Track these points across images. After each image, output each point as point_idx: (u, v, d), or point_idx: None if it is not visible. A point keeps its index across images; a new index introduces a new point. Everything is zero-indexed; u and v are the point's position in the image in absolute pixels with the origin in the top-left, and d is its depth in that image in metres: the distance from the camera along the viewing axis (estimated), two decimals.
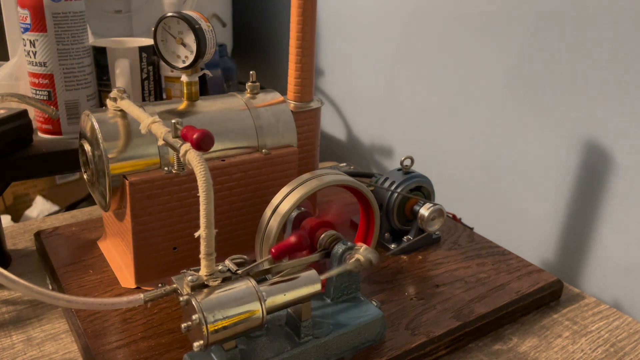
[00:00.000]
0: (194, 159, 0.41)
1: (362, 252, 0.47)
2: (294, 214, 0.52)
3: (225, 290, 0.41)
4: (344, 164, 0.89)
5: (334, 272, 0.48)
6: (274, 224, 0.50)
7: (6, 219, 1.25)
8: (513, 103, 0.83)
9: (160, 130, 0.45)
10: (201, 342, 0.39)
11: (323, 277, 0.46)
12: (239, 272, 0.43)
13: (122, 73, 0.80)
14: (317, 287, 0.45)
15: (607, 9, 0.69)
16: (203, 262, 0.41)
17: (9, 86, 0.84)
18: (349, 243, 0.49)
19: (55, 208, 1.32)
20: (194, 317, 0.39)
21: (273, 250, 0.48)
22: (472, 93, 0.89)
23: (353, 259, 0.47)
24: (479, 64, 0.87)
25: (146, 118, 0.47)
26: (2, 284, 0.40)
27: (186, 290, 0.41)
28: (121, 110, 0.53)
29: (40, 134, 0.80)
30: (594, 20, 0.71)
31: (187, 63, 0.56)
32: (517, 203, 0.85)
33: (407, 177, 0.65)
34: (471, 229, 0.72)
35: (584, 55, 0.73)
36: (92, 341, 0.49)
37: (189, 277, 0.41)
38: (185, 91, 0.58)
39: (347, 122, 1.20)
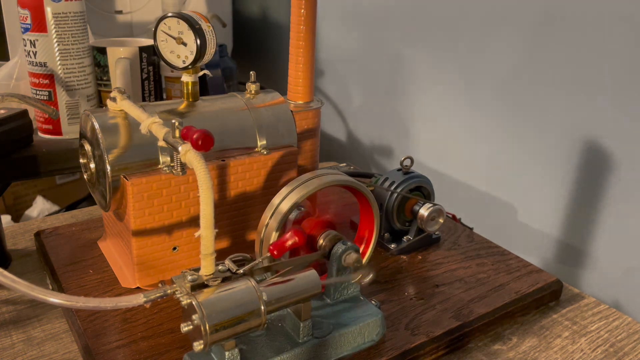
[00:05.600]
0: (194, 159, 0.41)
1: (363, 269, 0.48)
2: (294, 214, 0.52)
3: (225, 290, 0.41)
4: (344, 164, 0.89)
5: (332, 280, 0.48)
6: (274, 224, 0.50)
7: (6, 219, 1.25)
8: (513, 103, 0.83)
9: (161, 130, 0.45)
10: (201, 342, 0.39)
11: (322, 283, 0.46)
12: (239, 271, 0.43)
13: (122, 73, 0.81)
14: (317, 287, 0.45)
15: (608, 10, 0.69)
16: (203, 262, 0.41)
17: (9, 86, 0.84)
18: (348, 243, 0.49)
19: (55, 208, 1.33)
20: (194, 317, 0.39)
21: (271, 247, 0.47)
22: (473, 93, 0.89)
23: (354, 263, 0.48)
24: (479, 63, 0.87)
25: (146, 118, 0.47)
26: (2, 284, 0.40)
27: (186, 290, 0.41)
28: (121, 111, 0.53)
29: (40, 134, 0.81)
30: (595, 20, 0.71)
31: (187, 63, 0.56)
32: (517, 203, 0.85)
33: (407, 177, 0.65)
34: (471, 229, 0.72)
35: (584, 55, 0.73)
36: (92, 341, 0.49)
37: (189, 277, 0.41)
38: (185, 91, 0.58)
39: (347, 122, 1.20)
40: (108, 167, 0.51)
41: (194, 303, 0.40)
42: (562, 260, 0.80)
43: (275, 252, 0.47)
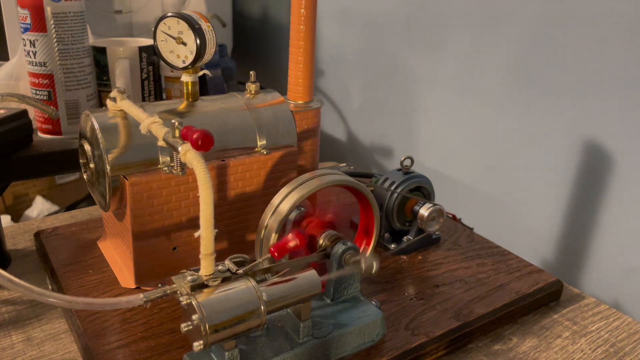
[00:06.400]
0: (194, 159, 0.41)
1: (366, 258, 0.48)
2: (294, 214, 0.52)
3: (225, 290, 0.41)
4: (344, 164, 0.89)
5: (333, 274, 0.48)
6: (274, 224, 0.50)
7: (6, 219, 1.25)
8: (513, 103, 0.83)
9: (160, 130, 0.45)
10: (201, 342, 0.39)
11: (323, 279, 0.46)
12: (239, 272, 0.43)
13: (122, 73, 0.81)
14: (317, 287, 0.45)
15: (608, 9, 0.69)
16: (203, 262, 0.41)
17: (9, 86, 0.84)
18: (349, 243, 0.49)
19: (55, 208, 1.33)
20: (193, 317, 0.39)
21: (272, 249, 0.47)
22: (473, 92, 0.89)
23: (354, 260, 0.47)
24: (479, 63, 0.87)
25: (146, 118, 0.47)
26: (2, 284, 0.40)
27: (186, 290, 0.41)
28: (121, 111, 0.53)
29: (40, 134, 0.81)
30: (594, 20, 0.71)
31: (187, 63, 0.56)
32: (517, 203, 0.85)
33: (407, 177, 0.65)
34: (471, 229, 0.72)
35: (584, 55, 0.73)
36: (92, 341, 0.49)
37: (189, 277, 0.41)
38: (185, 91, 0.58)
39: (347, 122, 1.20)
40: (108, 167, 0.51)
41: (193, 303, 0.40)
42: (562, 260, 0.80)
43: (276, 254, 0.47)
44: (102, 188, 0.53)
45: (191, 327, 0.40)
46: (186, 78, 0.58)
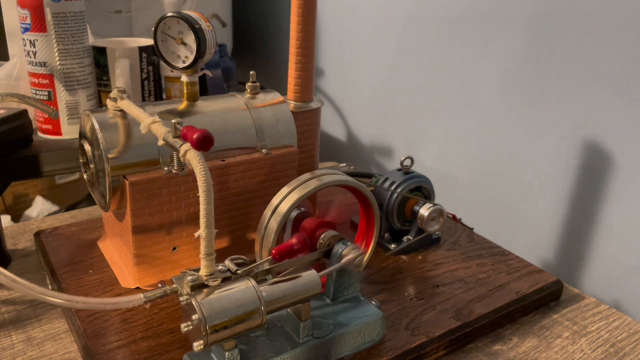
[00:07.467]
0: (194, 159, 0.41)
1: (348, 251, 0.48)
2: (294, 214, 0.52)
3: (225, 290, 0.41)
4: (344, 164, 0.89)
5: (329, 269, 0.48)
6: (274, 224, 0.50)
7: (6, 219, 1.25)
8: (513, 103, 0.83)
9: (160, 130, 0.45)
10: (201, 342, 0.39)
11: (321, 275, 0.46)
12: (239, 272, 0.43)
13: (122, 73, 0.81)
14: (317, 287, 0.45)
15: (607, 9, 0.69)
16: (203, 262, 0.41)
17: (9, 86, 0.84)
18: (348, 243, 0.49)
19: (55, 208, 1.33)
20: (193, 317, 0.39)
21: (274, 251, 0.48)
22: (472, 93, 0.89)
23: (346, 257, 0.47)
24: (478, 63, 0.87)
25: (146, 118, 0.47)
26: (2, 283, 0.40)
27: (186, 290, 0.41)
28: (121, 110, 0.53)
29: (40, 134, 0.81)
30: (593, 20, 0.71)
31: (187, 63, 0.56)
32: (517, 203, 0.85)
33: (407, 177, 0.65)
34: (471, 229, 0.72)
35: (583, 55, 0.73)
36: (92, 341, 0.49)
37: (189, 277, 0.41)
38: (185, 91, 0.58)
39: (347, 122, 1.20)
40: (108, 167, 0.51)
41: (193, 303, 0.40)
42: (562, 260, 0.80)
43: (277, 257, 0.47)
44: (102, 188, 0.53)
45: (191, 327, 0.40)
46: (186, 78, 0.58)
